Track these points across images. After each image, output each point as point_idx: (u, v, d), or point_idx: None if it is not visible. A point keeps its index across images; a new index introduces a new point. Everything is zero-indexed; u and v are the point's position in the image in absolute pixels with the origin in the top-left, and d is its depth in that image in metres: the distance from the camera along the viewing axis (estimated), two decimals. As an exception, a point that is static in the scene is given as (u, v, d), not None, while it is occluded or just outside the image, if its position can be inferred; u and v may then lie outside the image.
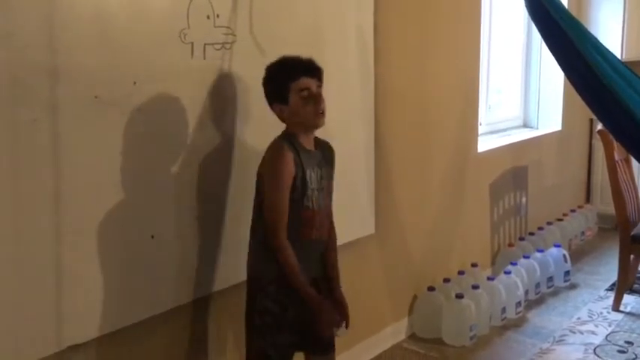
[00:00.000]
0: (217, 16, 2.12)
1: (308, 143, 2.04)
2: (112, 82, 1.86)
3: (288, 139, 2.01)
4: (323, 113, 2.01)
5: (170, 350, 2.15)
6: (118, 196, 1.92)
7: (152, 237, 2.01)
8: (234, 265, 2.18)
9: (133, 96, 1.92)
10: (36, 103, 1.71)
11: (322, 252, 2.13)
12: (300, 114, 1.99)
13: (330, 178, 2.14)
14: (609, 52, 2.82)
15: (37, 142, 1.72)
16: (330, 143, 2.17)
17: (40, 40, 1.70)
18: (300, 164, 1.98)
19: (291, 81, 1.97)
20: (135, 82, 1.91)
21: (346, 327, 2.14)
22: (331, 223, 2.18)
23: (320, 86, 2.02)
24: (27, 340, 1.74)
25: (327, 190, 2.10)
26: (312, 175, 2.02)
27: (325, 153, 2.12)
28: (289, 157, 1.96)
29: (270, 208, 1.98)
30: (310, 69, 2.01)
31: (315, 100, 1.98)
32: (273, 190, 1.97)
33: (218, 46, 2.14)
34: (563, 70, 2.92)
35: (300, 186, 1.98)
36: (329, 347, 2.16)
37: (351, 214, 2.80)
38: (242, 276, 2.11)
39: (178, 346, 2.18)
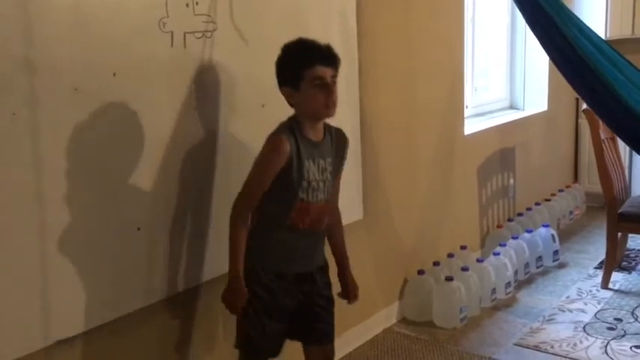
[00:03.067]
0: (197, 3, 2.10)
1: (314, 133, 1.98)
2: (92, 74, 1.84)
3: (290, 127, 1.95)
4: (334, 104, 1.94)
5: (161, 341, 2.15)
6: (101, 189, 1.90)
7: (138, 229, 2.00)
8: (223, 255, 2.17)
9: (113, 87, 1.90)
10: (14, 97, 1.69)
11: (319, 244, 2.10)
12: (310, 103, 1.93)
13: (338, 169, 2.09)
14: (593, 32, 2.82)
15: (17, 136, 1.70)
16: (342, 129, 2.10)
17: (16, 32, 1.68)
18: (297, 156, 1.93)
19: (306, 68, 1.90)
20: (114, 74, 1.89)
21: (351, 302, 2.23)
22: (338, 211, 2.18)
23: (335, 76, 1.95)
24: (14, 335, 1.73)
25: (332, 181, 2.05)
26: (311, 167, 1.96)
27: (336, 142, 2.06)
28: (283, 147, 1.91)
29: (244, 185, 1.96)
30: (327, 57, 1.94)
31: (327, 90, 1.91)
32: (253, 171, 1.95)
33: (199, 35, 2.11)
34: (547, 52, 2.92)
35: (296, 177, 1.94)
36: (323, 338, 2.15)
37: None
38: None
39: (169, 337, 2.18)
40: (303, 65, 1.90)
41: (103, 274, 1.92)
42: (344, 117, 2.79)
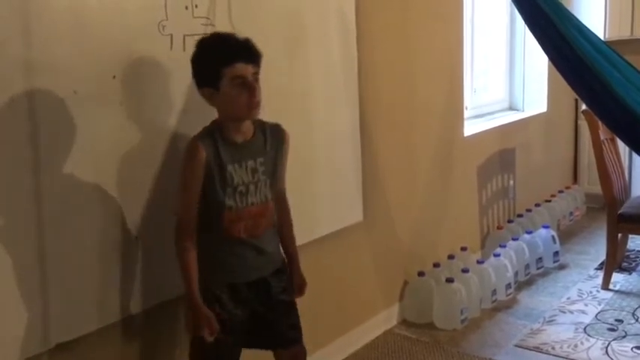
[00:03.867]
0: (196, 6, 2.10)
1: (240, 134, 1.88)
2: (91, 77, 1.84)
3: (209, 132, 1.86)
4: (258, 104, 1.83)
5: (161, 344, 2.15)
6: (99, 193, 1.90)
7: (136, 238, 1.99)
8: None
9: (113, 90, 1.90)
10: (13, 100, 1.68)
11: (267, 248, 1.97)
12: (231, 104, 1.81)
13: (275, 165, 1.96)
14: (592, 32, 2.82)
15: (16, 139, 1.70)
16: (281, 125, 2.00)
17: (16, 34, 1.68)
18: (218, 162, 1.83)
19: (224, 66, 1.77)
20: (114, 76, 1.89)
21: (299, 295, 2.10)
22: (284, 201, 2.06)
23: (257, 73, 1.82)
24: (12, 340, 1.73)
25: (269, 180, 1.94)
26: (236, 171, 1.86)
27: (271, 139, 1.95)
28: (198, 154, 1.81)
29: (175, 209, 1.88)
30: (247, 54, 1.81)
31: (249, 89, 1.79)
32: (178, 191, 1.87)
33: (198, 37, 2.11)
34: (546, 52, 2.92)
35: (218, 185, 1.84)
36: (285, 342, 2.06)
37: (339, 201, 2.80)
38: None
39: (168, 339, 2.17)
40: (223, 63, 1.77)
41: (100, 279, 1.92)
42: (343, 118, 2.81)
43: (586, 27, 2.82)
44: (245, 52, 1.81)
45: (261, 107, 1.86)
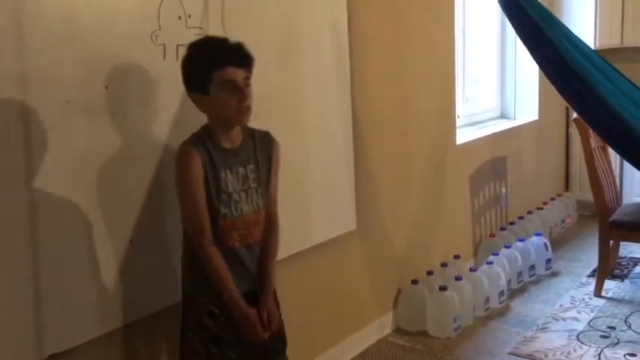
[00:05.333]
0: (189, 16, 2.11)
1: (229, 140, 1.85)
2: (84, 86, 1.85)
3: (200, 137, 1.82)
4: (249, 109, 1.79)
5: (159, 352, 2.14)
6: (93, 201, 1.90)
7: (131, 241, 1.99)
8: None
9: (106, 100, 1.90)
10: (7, 109, 1.69)
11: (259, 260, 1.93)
12: (221, 109, 1.78)
13: (267, 173, 1.93)
14: (582, 42, 2.86)
15: (9, 148, 1.70)
16: (270, 133, 1.96)
17: (9, 44, 1.68)
18: (211, 168, 1.80)
19: (215, 69, 1.73)
20: (107, 86, 1.90)
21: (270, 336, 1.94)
22: (272, 225, 1.97)
23: (248, 77, 1.79)
24: (5, 351, 1.72)
25: (260, 188, 1.90)
26: (229, 178, 1.83)
27: (259, 146, 1.92)
28: (195, 162, 1.77)
29: (185, 218, 1.85)
30: (239, 57, 1.77)
31: (240, 94, 1.76)
32: (183, 199, 1.82)
33: (191, 47, 2.12)
34: (537, 61, 2.95)
35: (213, 192, 1.80)
36: (272, 354, 2.01)
37: (332, 210, 2.81)
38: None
39: (166, 347, 2.17)
40: (213, 67, 1.74)
41: (97, 287, 1.92)
42: (336, 128, 2.82)
43: (576, 36, 2.86)
44: (236, 56, 1.78)
45: (252, 113, 1.83)
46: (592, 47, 3.43)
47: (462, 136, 3.90)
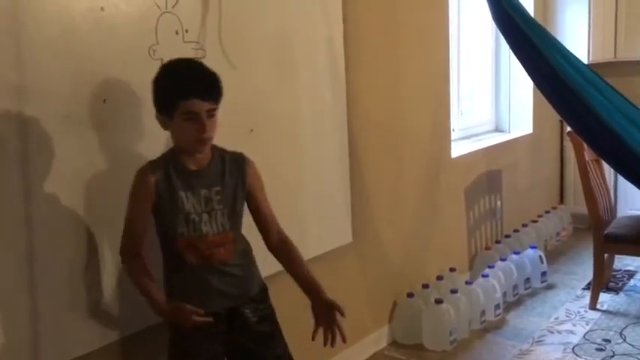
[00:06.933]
0: (186, 31, 2.12)
1: (194, 162, 1.84)
2: (82, 101, 1.86)
3: (163, 158, 1.85)
4: (207, 140, 1.80)
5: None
6: (90, 215, 1.90)
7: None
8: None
9: (104, 114, 1.91)
10: (4, 123, 1.70)
11: (232, 277, 1.90)
12: (181, 136, 1.80)
13: (235, 195, 1.89)
14: (574, 56, 2.88)
15: (6, 163, 1.71)
16: (244, 154, 1.95)
17: (7, 59, 1.69)
18: (168, 188, 1.80)
19: (180, 99, 1.74)
20: (105, 100, 1.91)
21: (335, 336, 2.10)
22: (285, 241, 2.02)
23: (213, 109, 1.78)
24: (2, 364, 1.72)
25: (226, 210, 1.87)
26: (188, 199, 1.82)
27: (230, 167, 1.89)
28: (145, 181, 1.79)
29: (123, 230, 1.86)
30: (206, 90, 1.77)
31: (199, 126, 1.75)
32: (127, 212, 1.84)
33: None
34: (531, 76, 2.98)
35: (169, 211, 1.81)
36: (269, 342, 1.99)
37: (328, 223, 2.81)
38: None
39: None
40: (179, 96, 1.75)
41: (96, 300, 1.91)
42: (332, 141, 2.84)
43: (568, 50, 2.89)
44: (203, 88, 1.77)
45: (211, 141, 1.83)
46: (585, 61, 3.48)
47: (457, 150, 3.92)
